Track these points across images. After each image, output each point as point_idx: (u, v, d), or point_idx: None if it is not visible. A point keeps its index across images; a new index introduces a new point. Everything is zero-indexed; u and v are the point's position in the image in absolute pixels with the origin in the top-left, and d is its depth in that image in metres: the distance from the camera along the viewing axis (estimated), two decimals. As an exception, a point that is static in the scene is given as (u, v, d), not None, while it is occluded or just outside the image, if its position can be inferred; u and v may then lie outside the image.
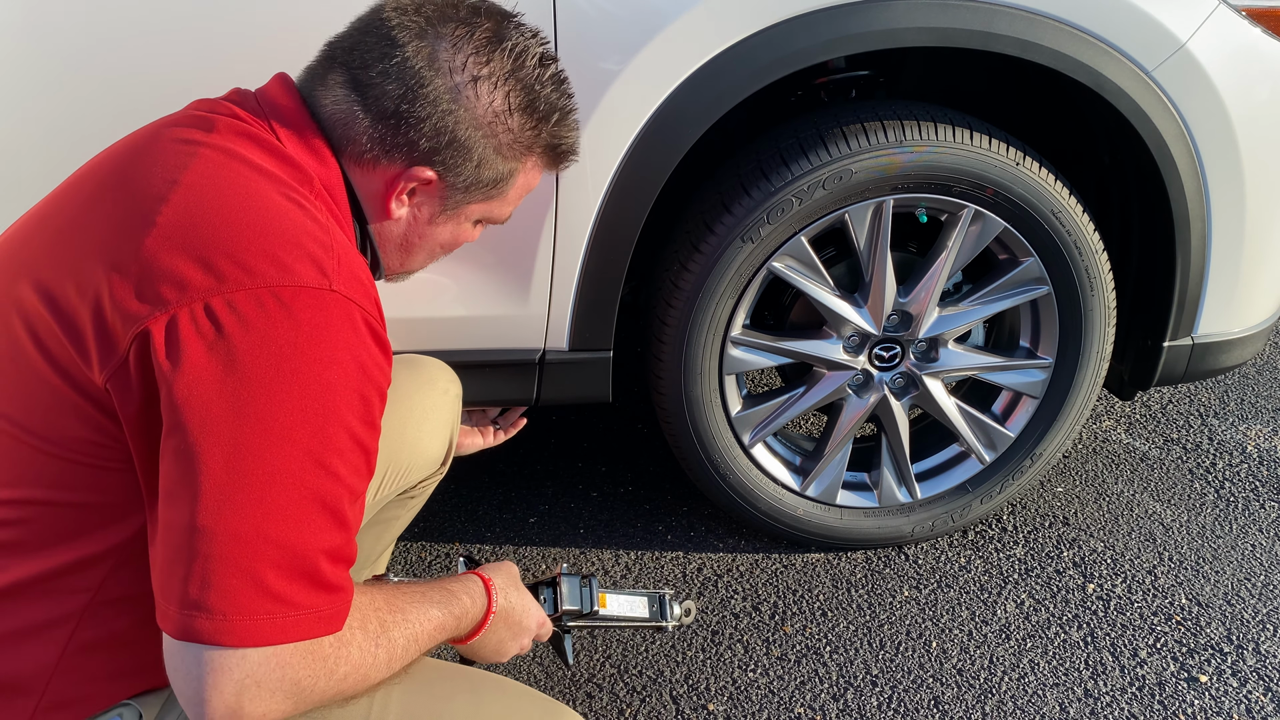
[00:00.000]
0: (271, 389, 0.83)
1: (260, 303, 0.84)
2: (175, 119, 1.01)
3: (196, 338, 0.82)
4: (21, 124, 1.39)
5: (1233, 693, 1.67)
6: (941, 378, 1.85)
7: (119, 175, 0.94)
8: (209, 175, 0.91)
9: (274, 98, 1.02)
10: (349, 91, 1.00)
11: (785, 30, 1.46)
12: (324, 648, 0.86)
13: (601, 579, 1.69)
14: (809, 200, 1.60)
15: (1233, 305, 1.79)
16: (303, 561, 0.84)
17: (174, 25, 1.36)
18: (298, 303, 0.85)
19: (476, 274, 1.55)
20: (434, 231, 1.10)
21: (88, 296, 0.86)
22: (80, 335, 0.85)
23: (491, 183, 1.07)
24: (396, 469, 1.38)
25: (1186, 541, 2.02)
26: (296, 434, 0.84)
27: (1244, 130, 1.61)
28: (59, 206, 0.96)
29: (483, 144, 1.03)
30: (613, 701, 1.64)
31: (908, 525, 1.94)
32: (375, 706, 0.97)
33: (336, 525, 0.86)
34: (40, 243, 0.93)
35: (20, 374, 0.89)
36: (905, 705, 1.65)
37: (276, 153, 0.97)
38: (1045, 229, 1.69)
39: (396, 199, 1.04)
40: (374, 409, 0.90)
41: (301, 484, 0.84)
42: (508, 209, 1.14)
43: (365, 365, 0.89)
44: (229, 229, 0.87)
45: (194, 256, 0.85)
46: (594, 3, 1.42)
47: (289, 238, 0.88)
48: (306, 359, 0.84)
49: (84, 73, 1.38)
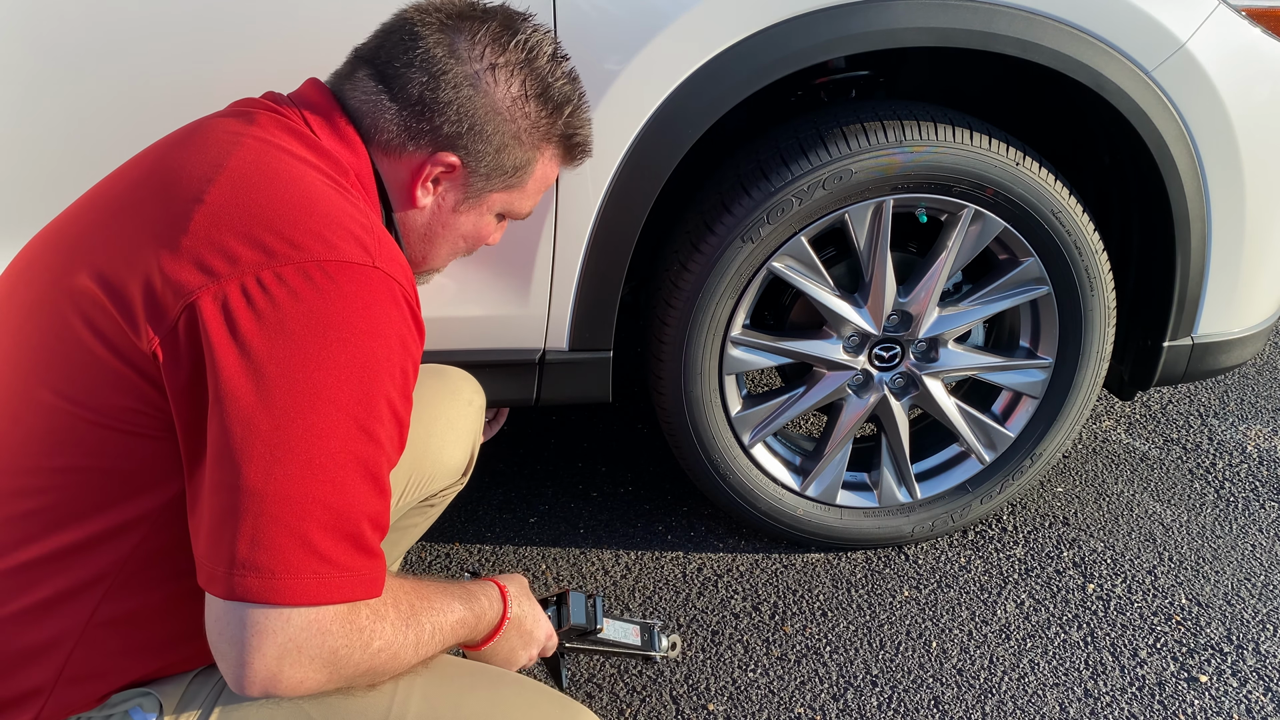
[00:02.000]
0: (319, 357, 0.86)
1: (308, 275, 0.87)
2: (216, 115, 1.06)
3: (246, 308, 0.86)
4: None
5: (1233, 693, 1.68)
6: (941, 378, 1.85)
7: (165, 163, 0.98)
8: (254, 161, 0.95)
9: (306, 95, 1.08)
10: (376, 84, 1.06)
11: (785, 30, 1.46)
12: (361, 618, 0.89)
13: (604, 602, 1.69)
14: (809, 200, 1.60)
15: (1233, 305, 1.79)
16: (347, 523, 0.87)
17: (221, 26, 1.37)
18: (343, 275, 0.89)
19: (476, 274, 1.55)
20: (457, 221, 1.13)
21: (138, 272, 0.88)
22: (130, 308, 0.88)
23: (512, 170, 1.11)
24: (420, 476, 1.40)
25: (1186, 541, 2.02)
26: (342, 400, 0.87)
27: (1244, 130, 1.61)
28: (106, 197, 0.99)
29: (503, 129, 1.07)
30: (613, 701, 1.64)
31: (908, 525, 1.94)
32: (398, 697, 0.99)
33: (377, 492, 0.90)
34: (89, 229, 0.96)
35: (66, 349, 0.91)
36: (905, 705, 1.65)
37: (313, 145, 1.02)
38: (1045, 229, 1.69)
39: (422, 186, 1.09)
40: (410, 382, 0.95)
41: (346, 448, 0.87)
42: (528, 203, 1.17)
43: (405, 340, 0.93)
44: (275, 207, 0.91)
45: (242, 233, 0.89)
46: (594, 3, 1.42)
47: (333, 218, 0.92)
48: (353, 329, 0.88)
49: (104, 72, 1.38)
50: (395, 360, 0.91)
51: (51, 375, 0.91)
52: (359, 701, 0.97)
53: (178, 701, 0.96)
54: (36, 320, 0.94)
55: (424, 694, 1.00)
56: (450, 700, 1.01)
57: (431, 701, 1.00)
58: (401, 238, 1.12)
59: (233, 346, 0.85)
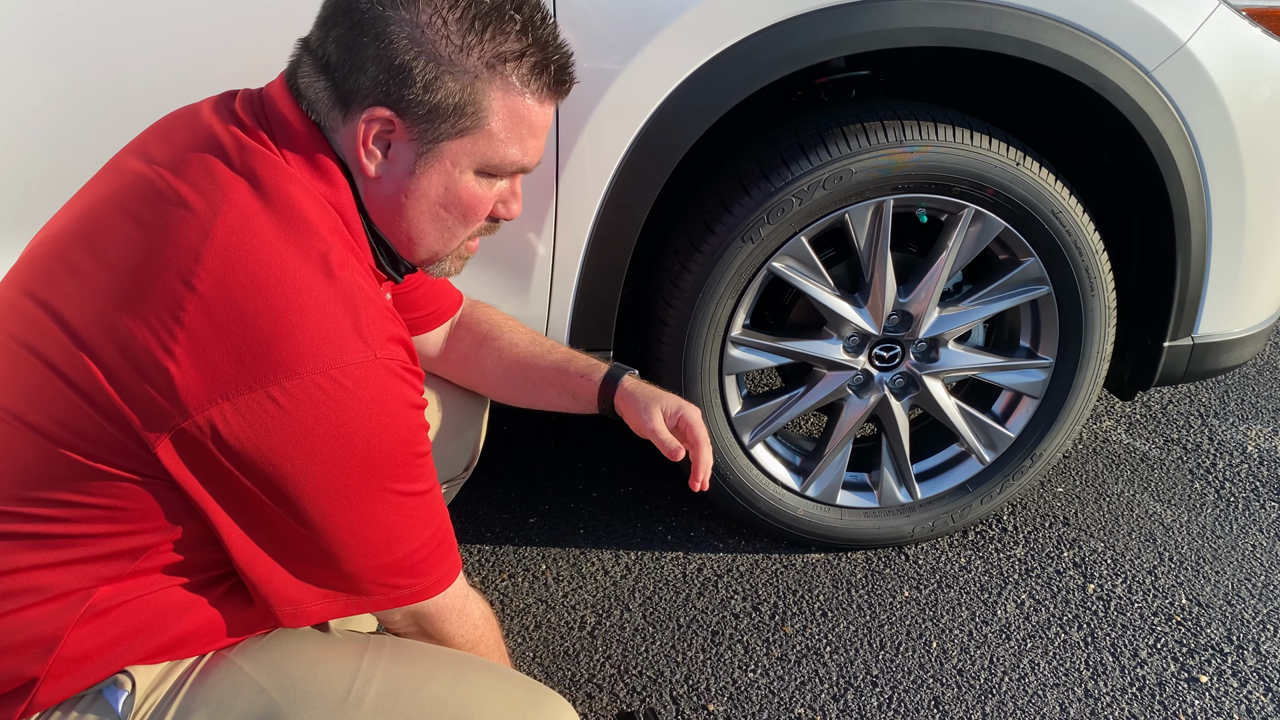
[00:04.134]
0: (357, 451, 0.94)
1: (317, 387, 0.90)
2: (191, 130, 1.00)
3: (251, 424, 0.89)
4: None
5: (1233, 693, 1.67)
6: (942, 378, 1.84)
7: (147, 193, 0.95)
8: (239, 242, 0.91)
9: (279, 107, 1.01)
10: (312, 66, 1.00)
11: (785, 30, 1.46)
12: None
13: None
14: (809, 200, 1.60)
15: (1233, 305, 1.79)
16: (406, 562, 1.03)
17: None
18: (350, 381, 0.92)
19: (476, 274, 1.55)
20: (419, 185, 1.02)
21: (131, 356, 0.88)
22: (131, 397, 0.89)
23: (454, 110, 0.98)
24: None
25: (1187, 541, 2.02)
26: (375, 488, 0.97)
27: (1244, 130, 1.61)
28: (84, 222, 0.97)
29: (423, 62, 0.96)
30: (613, 702, 1.64)
31: (908, 525, 1.94)
32: (359, 678, 1.00)
33: (428, 521, 1.06)
34: (78, 275, 0.94)
35: (54, 397, 0.91)
36: (905, 705, 1.65)
37: (298, 190, 0.97)
38: (1045, 229, 1.69)
39: (366, 150, 0.99)
40: (421, 423, 1.02)
41: (394, 518, 1.00)
42: (507, 150, 1.02)
43: (412, 404, 0.99)
44: (269, 314, 0.90)
45: (240, 347, 0.89)
46: (594, 3, 1.42)
47: (329, 313, 0.92)
48: (373, 424, 0.94)
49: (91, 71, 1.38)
50: (412, 424, 0.99)
51: (31, 412, 0.92)
52: (319, 681, 0.99)
53: (151, 680, 0.98)
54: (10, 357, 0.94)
55: (385, 676, 1.01)
56: (412, 682, 1.01)
57: (393, 684, 1.00)
58: (381, 232, 1.05)
59: (242, 464, 0.90)
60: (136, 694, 0.96)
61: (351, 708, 0.97)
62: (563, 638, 1.76)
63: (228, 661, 1.01)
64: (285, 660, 1.02)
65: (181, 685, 0.98)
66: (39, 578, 0.91)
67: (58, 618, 0.92)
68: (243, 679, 0.99)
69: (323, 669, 1.01)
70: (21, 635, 0.92)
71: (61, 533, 0.91)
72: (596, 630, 1.78)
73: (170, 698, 0.97)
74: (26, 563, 0.91)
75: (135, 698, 0.96)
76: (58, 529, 0.91)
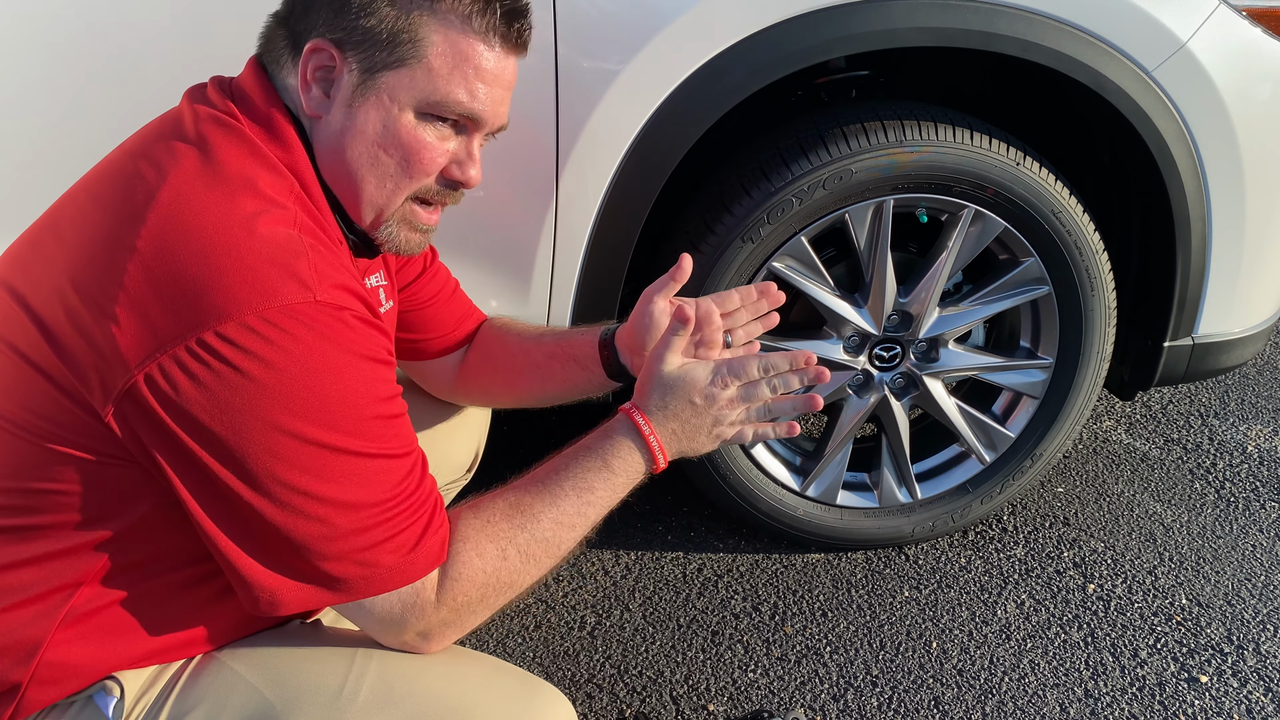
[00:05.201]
0: (296, 400, 0.88)
1: (250, 329, 0.86)
2: (161, 124, 1.01)
3: (190, 376, 0.86)
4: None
5: (1233, 693, 1.67)
6: (942, 378, 1.84)
7: (108, 187, 0.96)
8: (179, 203, 0.91)
9: (242, 78, 1.03)
10: (274, 25, 1.03)
11: (785, 30, 1.46)
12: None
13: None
14: (809, 200, 1.60)
15: (1233, 305, 1.79)
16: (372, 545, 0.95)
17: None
18: (286, 321, 0.87)
19: (476, 274, 1.55)
20: (355, 121, 0.99)
21: (79, 325, 0.88)
22: (78, 367, 0.88)
23: (390, 39, 0.97)
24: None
25: (1187, 541, 2.02)
26: (338, 436, 0.90)
27: (1244, 130, 1.61)
28: (59, 217, 0.98)
29: None
30: (613, 702, 1.64)
31: (908, 525, 1.94)
32: (353, 674, 0.99)
33: (387, 497, 0.95)
34: (43, 258, 0.95)
35: (21, 383, 0.91)
36: (905, 705, 1.65)
37: (248, 153, 0.96)
38: (1045, 229, 1.69)
39: (305, 87, 0.99)
40: (384, 376, 0.95)
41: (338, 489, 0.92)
42: (456, 91, 1.00)
43: (363, 354, 0.93)
44: (202, 264, 0.87)
45: (175, 299, 0.86)
46: (594, 3, 1.42)
47: (265, 257, 0.89)
48: (314, 372, 0.88)
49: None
50: (364, 378, 0.92)
51: (8, 404, 0.92)
52: (313, 679, 0.98)
53: (140, 684, 0.97)
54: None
55: (379, 670, 1.00)
56: (406, 676, 1.01)
57: (386, 679, 1.00)
58: (328, 181, 1.02)
59: (184, 417, 0.86)
60: (126, 699, 0.95)
61: (346, 703, 0.96)
62: (563, 638, 1.76)
63: (218, 662, 1.00)
64: (277, 659, 1.01)
65: (172, 688, 0.98)
66: (16, 576, 0.91)
67: (40, 621, 0.92)
68: (235, 679, 0.98)
69: (316, 666, 1.00)
70: (3, 639, 0.91)
71: (34, 524, 0.91)
72: (596, 630, 1.78)
73: (161, 701, 0.97)
74: (3, 560, 0.91)
75: (125, 703, 0.95)
76: (30, 520, 0.91)
